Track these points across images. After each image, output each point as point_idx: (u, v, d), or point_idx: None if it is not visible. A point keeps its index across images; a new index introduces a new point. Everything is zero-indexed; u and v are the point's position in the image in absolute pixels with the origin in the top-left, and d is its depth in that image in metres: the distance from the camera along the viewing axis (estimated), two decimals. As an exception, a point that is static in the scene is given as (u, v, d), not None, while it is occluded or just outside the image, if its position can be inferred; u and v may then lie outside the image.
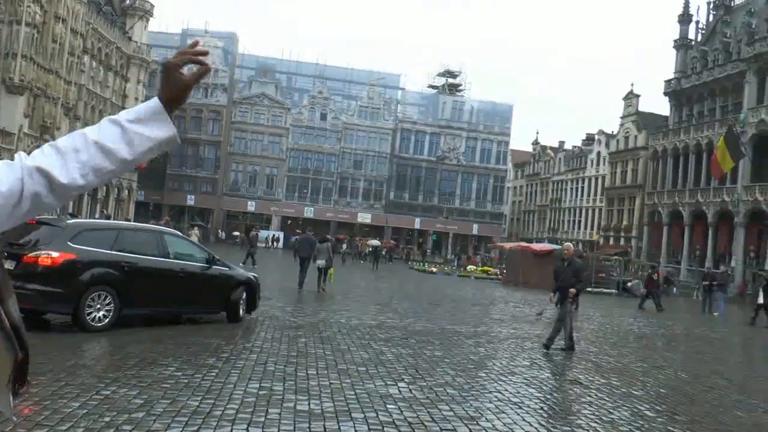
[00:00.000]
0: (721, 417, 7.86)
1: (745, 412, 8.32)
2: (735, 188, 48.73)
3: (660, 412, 7.79)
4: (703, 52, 59.40)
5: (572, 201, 75.22)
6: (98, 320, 9.53)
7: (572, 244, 13.21)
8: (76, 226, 10.29)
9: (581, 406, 7.58)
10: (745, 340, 19.19)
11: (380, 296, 21.09)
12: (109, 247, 9.90)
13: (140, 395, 6.20)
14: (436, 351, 10.50)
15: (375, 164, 72.43)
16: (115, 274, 9.76)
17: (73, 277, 9.34)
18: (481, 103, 75.36)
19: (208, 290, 11.49)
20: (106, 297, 9.62)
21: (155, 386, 6.60)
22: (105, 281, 9.64)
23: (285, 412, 6.11)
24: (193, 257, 11.50)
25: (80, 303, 9.32)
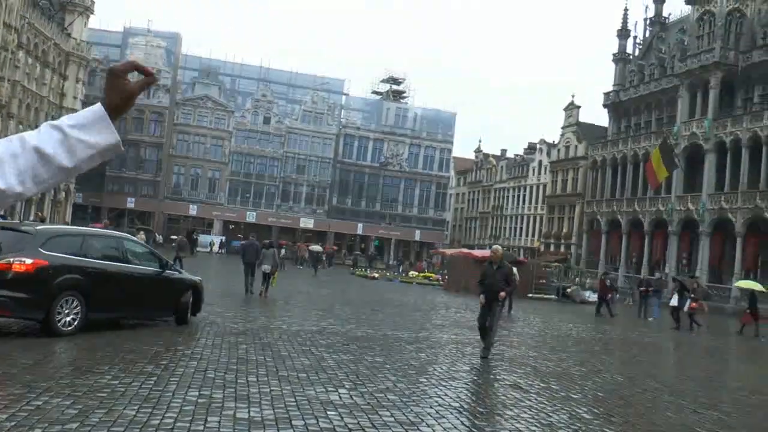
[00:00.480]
0: (654, 418, 8.14)
1: (675, 413, 8.63)
2: (669, 198, 50.34)
3: (597, 414, 7.99)
4: (640, 66, 61.29)
5: (514, 208, 76.36)
6: (67, 325, 9.74)
7: (501, 247, 12.94)
8: (46, 232, 10.52)
9: (521, 410, 7.70)
10: (676, 344, 19.78)
11: (322, 302, 21.03)
12: (76, 253, 10.14)
13: (74, 405, 6.03)
14: (377, 357, 10.52)
15: (318, 169, 72.22)
16: (83, 279, 9.97)
17: (45, 283, 9.50)
18: (425, 110, 75.92)
19: (162, 294, 11.87)
20: (74, 302, 9.82)
21: (90, 395, 6.44)
22: (74, 286, 9.84)
23: (224, 420, 6.04)
24: (149, 262, 11.87)
25: (52, 308, 9.50)
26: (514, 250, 67.87)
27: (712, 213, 46.66)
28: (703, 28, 50.20)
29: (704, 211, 47.00)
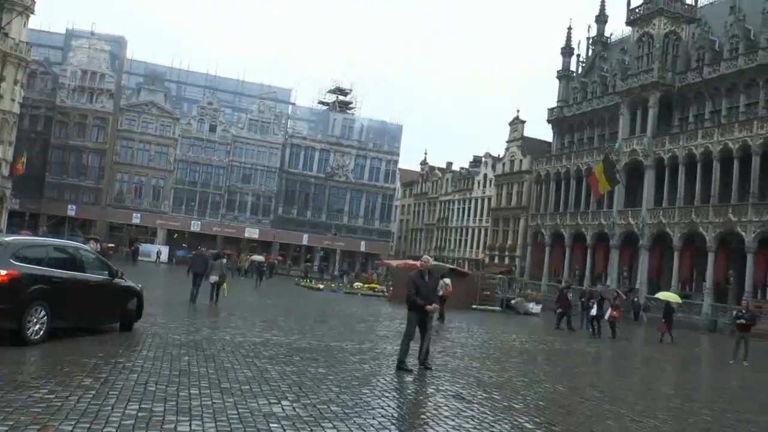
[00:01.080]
0: (594, 426, 8.34)
1: (615, 421, 8.85)
2: (611, 212, 51.62)
3: (539, 423, 8.14)
4: (583, 83, 62.84)
5: (459, 221, 77.13)
6: (35, 334, 9.99)
7: (430, 257, 12.70)
8: (16, 243, 10.75)
9: (463, 420, 7.78)
10: (617, 353, 20.24)
11: (266, 313, 20.90)
12: (42, 263, 10.45)
13: (5, 421, 5.84)
14: (320, 368, 10.51)
15: (264, 179, 71.74)
16: (49, 289, 10.25)
17: (18, 293, 9.72)
18: (371, 121, 76.19)
19: (112, 301, 12.36)
20: (41, 311, 10.09)
21: (23, 411, 6.25)
22: (41, 296, 10.09)
23: (165, 434, 5.96)
24: (101, 270, 12.26)
25: (23, 318, 9.77)
26: (459, 261, 68.50)
27: (651, 227, 48.01)
28: (642, 49, 51.78)
29: (644, 225, 48.33)
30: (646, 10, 51.49)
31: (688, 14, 51.23)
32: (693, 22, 51.41)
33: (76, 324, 11.45)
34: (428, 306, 11.26)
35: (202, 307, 19.77)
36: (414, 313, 11.28)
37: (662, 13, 50.16)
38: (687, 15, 51.17)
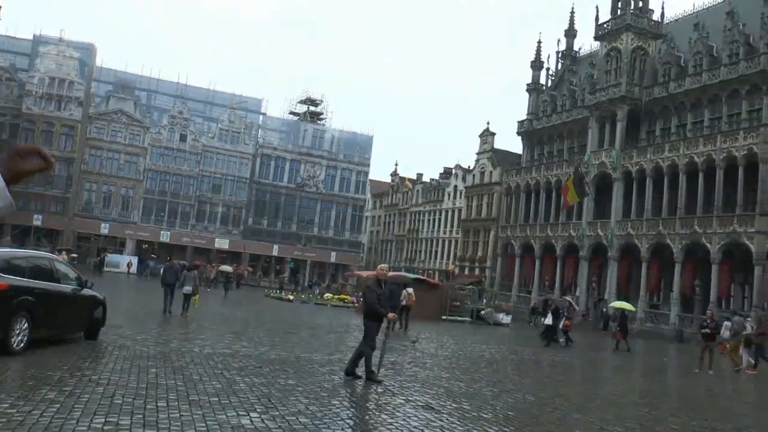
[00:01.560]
0: (561, 438, 8.38)
1: (583, 430, 8.96)
2: (580, 224, 52.19)
3: (506, 434, 8.18)
4: (552, 96, 63.60)
5: (429, 232, 77.35)
6: (18, 344, 10.29)
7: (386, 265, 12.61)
8: (4, 255, 11.10)
9: (432, 431, 7.80)
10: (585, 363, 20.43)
11: (235, 324, 20.75)
12: (24, 275, 10.75)
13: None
14: (289, 379, 10.47)
15: (234, 189, 71.31)
16: (31, 300, 10.58)
17: (7, 304, 10.04)
18: (342, 132, 76.22)
19: (80, 310, 12.70)
20: (24, 322, 10.42)
21: (-18, 426, 6.11)
22: (25, 307, 10.44)
23: (131, 447, 5.90)
24: (71, 280, 12.61)
25: (9, 328, 10.06)
26: (429, 273, 68.62)
27: (619, 239, 48.61)
28: (610, 64, 52.58)
29: (612, 236, 48.93)
30: (614, 25, 52.38)
31: (654, 30, 52.23)
32: (659, 38, 52.43)
33: (51, 334, 11.73)
34: (390, 314, 11.30)
35: (171, 318, 19.69)
36: (375, 322, 11.20)
37: (629, 28, 51.06)
38: (653, 31, 52.17)
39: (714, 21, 49.13)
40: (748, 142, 40.93)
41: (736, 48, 45.81)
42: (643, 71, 51.77)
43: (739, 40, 45.70)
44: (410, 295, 25.83)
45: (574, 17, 67.89)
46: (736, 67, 45.02)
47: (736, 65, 45.08)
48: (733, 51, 45.98)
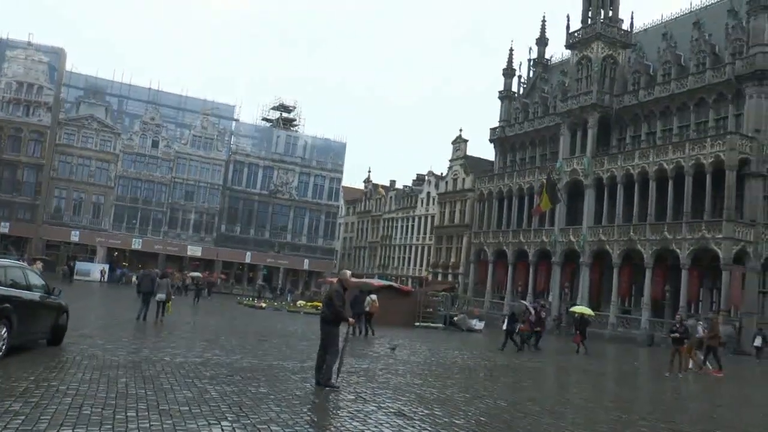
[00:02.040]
0: (530, 445, 8.43)
1: (552, 438, 8.98)
2: (553, 230, 52.65)
3: (476, 442, 8.21)
4: (524, 104, 64.22)
5: (402, 238, 77.50)
6: None
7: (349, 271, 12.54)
8: None
9: (403, 440, 7.80)
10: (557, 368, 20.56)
11: (208, 332, 20.61)
12: (2, 284, 11.00)
13: None
14: (261, 387, 10.42)
15: (207, 196, 70.92)
16: (10, 307, 10.82)
17: None
18: (315, 139, 76.20)
19: (48, 317, 12.95)
20: (4, 329, 10.68)
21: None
22: (5, 315, 10.68)
23: (99, 457, 5.83)
24: (41, 288, 12.90)
25: None
26: (402, 279, 68.79)
27: (591, 244, 49.09)
28: (581, 72, 53.20)
29: (584, 242, 49.39)
30: (585, 34, 53.02)
31: (624, 39, 52.96)
32: (629, 47, 53.19)
33: (22, 341, 11.91)
34: (350, 319, 11.48)
35: (142, 326, 19.58)
36: (337, 327, 11.19)
37: (600, 37, 51.72)
38: (623, 40, 52.91)
39: (681, 31, 50.10)
40: (715, 150, 41.63)
41: (703, 58, 46.74)
42: (613, 79, 52.48)
43: (705, 50, 46.66)
44: (374, 302, 26.02)
45: (545, 26, 68.70)
46: (702, 77, 45.90)
47: (702, 75, 45.96)
48: (700, 61, 46.90)
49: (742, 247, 40.37)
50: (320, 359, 11.12)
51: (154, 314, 21.62)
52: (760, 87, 42.31)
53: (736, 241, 40.21)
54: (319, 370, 11.07)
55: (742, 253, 40.53)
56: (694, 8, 52.20)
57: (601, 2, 53.13)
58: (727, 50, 45.26)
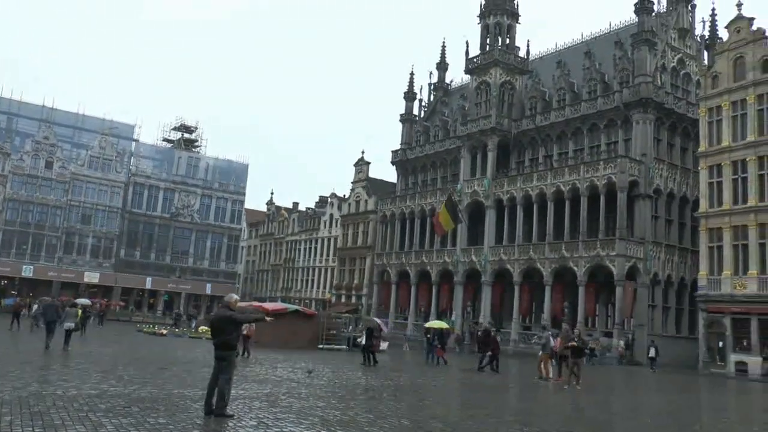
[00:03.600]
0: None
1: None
2: (455, 250, 53.64)
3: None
4: (425, 127, 65.47)
5: (306, 261, 77.14)
6: None
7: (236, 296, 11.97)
8: None
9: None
10: (460, 385, 20.85)
11: (104, 362, 19.80)
12: None
13: None
14: (160, 418, 10.10)
15: (105, 219, 68.49)
16: None
17: None
18: (217, 160, 75.12)
19: None
20: None
21: None
22: None
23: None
24: None
25: None
26: (305, 302, 68.38)
27: (493, 264, 50.30)
28: (480, 96, 54.77)
29: (486, 262, 50.55)
30: (483, 60, 54.67)
31: (521, 66, 54.94)
32: (525, 73, 55.23)
33: None
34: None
35: (31, 358, 18.57)
36: (232, 354, 10.90)
37: (498, 63, 53.47)
38: (520, 67, 54.88)
39: (574, 59, 52.53)
40: (607, 172, 43.67)
41: (594, 85, 49.12)
42: (511, 104, 54.28)
43: (596, 78, 49.08)
44: (250, 326, 26.01)
45: (445, 51, 70.34)
46: (594, 103, 48.16)
47: (594, 101, 48.24)
48: (592, 88, 49.25)
49: (633, 264, 42.42)
50: (212, 387, 10.82)
51: (62, 343, 22.22)
52: (645, 114, 44.83)
53: (628, 258, 42.21)
54: (210, 399, 10.75)
55: (634, 270, 42.56)
56: (585, 38, 54.88)
57: (499, 30, 54.99)
58: (616, 79, 47.81)
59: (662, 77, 47.32)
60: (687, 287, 45.23)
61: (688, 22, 50.35)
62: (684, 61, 49.44)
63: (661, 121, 46.11)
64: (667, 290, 44.99)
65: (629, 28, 49.95)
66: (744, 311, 37.68)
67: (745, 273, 37.95)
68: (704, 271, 40.16)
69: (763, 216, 37.38)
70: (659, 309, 44.34)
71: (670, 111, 46.45)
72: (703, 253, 40.50)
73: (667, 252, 44.94)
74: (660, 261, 44.28)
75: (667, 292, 45.02)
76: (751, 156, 38.44)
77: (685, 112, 47.26)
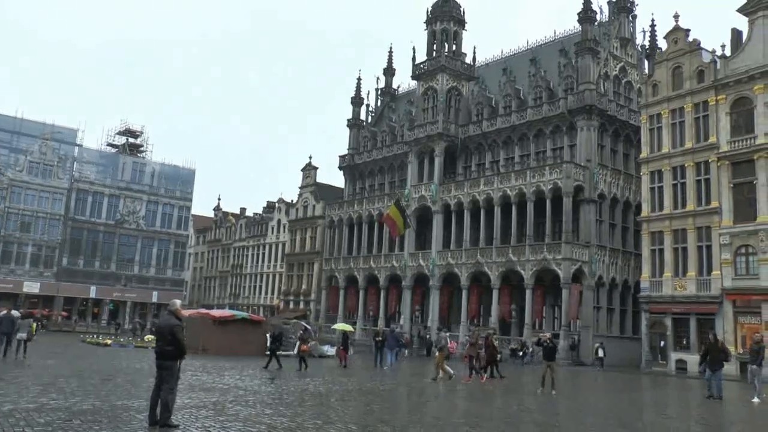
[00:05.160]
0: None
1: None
2: (402, 255, 53.89)
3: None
4: (373, 132, 65.64)
5: (254, 267, 76.57)
6: None
7: (177, 300, 11.67)
8: None
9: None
10: (409, 389, 20.88)
11: (44, 375, 19.24)
12: None
13: None
14: (102, 430, 9.89)
15: (46, 227, 66.50)
16: None
17: None
18: (163, 166, 73.80)
19: None
20: None
21: None
22: None
23: None
24: None
25: None
26: (254, 308, 67.85)
27: (440, 268, 50.69)
28: (427, 102, 55.26)
29: (434, 266, 50.91)
30: (430, 66, 55.16)
31: (467, 73, 55.59)
32: (472, 80, 55.93)
33: None
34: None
35: None
36: (176, 363, 10.67)
37: (444, 70, 54.00)
38: (466, 73, 55.53)
39: (520, 66, 53.45)
40: (553, 177, 44.45)
41: (540, 92, 49.97)
42: (458, 110, 54.85)
43: (541, 85, 49.95)
44: None
45: (392, 56, 70.69)
46: (540, 110, 49.00)
47: (540, 108, 49.08)
48: (537, 95, 50.10)
49: (579, 267, 43.27)
50: (155, 397, 10.62)
51: (15, 353, 23.49)
52: (589, 120, 45.81)
53: (574, 261, 43.03)
54: (154, 409, 10.56)
55: (579, 273, 43.40)
56: (531, 46, 55.82)
57: (445, 36, 55.56)
58: (560, 86, 48.76)
59: (605, 85, 48.40)
60: (630, 289, 46.25)
61: (629, 31, 51.67)
62: (626, 69, 50.67)
63: (604, 127, 47.16)
64: (612, 292, 45.94)
65: (573, 37, 50.98)
66: (684, 311, 38.84)
67: (684, 274, 39.09)
68: (646, 273, 41.19)
69: (701, 219, 38.58)
70: (604, 310, 45.21)
71: (613, 118, 47.56)
72: (645, 255, 41.55)
73: (611, 255, 45.90)
74: (604, 264, 45.21)
75: (612, 294, 45.96)
76: (689, 162, 39.61)
77: (628, 119, 48.45)
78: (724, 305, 36.82)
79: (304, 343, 27.06)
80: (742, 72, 37.66)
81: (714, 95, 38.95)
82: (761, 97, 36.79)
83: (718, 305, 36.96)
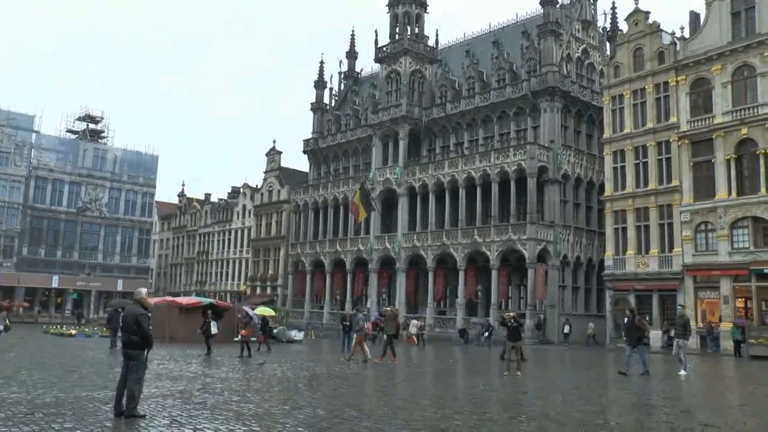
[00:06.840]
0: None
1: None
2: (368, 238, 53.94)
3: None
4: (336, 116, 65.42)
5: (219, 253, 76.06)
6: None
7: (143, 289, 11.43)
8: None
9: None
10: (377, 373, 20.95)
11: (4, 368, 18.93)
12: None
13: None
14: (66, 423, 9.73)
15: (5, 216, 65.22)
16: None
17: None
18: (126, 152, 72.72)
19: None
20: None
21: None
22: None
23: None
24: None
25: None
26: (220, 294, 67.49)
27: (406, 250, 50.87)
28: (391, 85, 55.20)
29: (400, 249, 51.07)
30: (393, 49, 55.05)
31: (430, 55, 55.60)
32: (435, 62, 55.94)
33: None
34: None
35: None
36: (143, 353, 10.57)
37: (407, 53, 53.93)
38: (429, 56, 55.55)
39: (483, 49, 53.60)
40: (517, 159, 44.79)
41: (503, 74, 50.17)
42: (421, 93, 54.87)
43: (504, 67, 50.16)
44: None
45: (354, 40, 70.32)
46: (503, 92, 49.23)
47: (503, 90, 49.31)
48: (500, 77, 50.31)
49: (544, 247, 43.77)
50: (121, 388, 10.51)
51: None
52: (552, 102, 46.20)
53: (539, 241, 43.50)
54: (120, 400, 10.45)
55: (544, 252, 43.92)
56: (493, 28, 55.98)
57: (408, 19, 55.45)
58: (523, 68, 49.03)
59: (568, 67, 48.81)
60: (595, 267, 46.97)
61: (590, 14, 52.17)
62: (588, 51, 51.15)
63: (567, 109, 47.61)
64: (577, 271, 46.60)
65: (535, 19, 51.24)
66: (646, 288, 39.68)
67: (647, 252, 39.86)
68: (610, 251, 41.89)
69: (662, 198, 39.33)
70: (569, 289, 45.87)
71: (575, 99, 48.03)
72: (609, 234, 42.25)
73: (576, 234, 46.49)
74: (569, 243, 45.78)
75: (577, 273, 46.63)
76: (651, 141, 40.27)
77: (590, 101, 48.97)
78: (685, 281, 37.68)
79: (245, 328, 26.67)
80: (700, 54, 38.33)
81: (674, 76, 39.61)
82: (719, 77, 37.56)
83: (679, 281, 37.78)
